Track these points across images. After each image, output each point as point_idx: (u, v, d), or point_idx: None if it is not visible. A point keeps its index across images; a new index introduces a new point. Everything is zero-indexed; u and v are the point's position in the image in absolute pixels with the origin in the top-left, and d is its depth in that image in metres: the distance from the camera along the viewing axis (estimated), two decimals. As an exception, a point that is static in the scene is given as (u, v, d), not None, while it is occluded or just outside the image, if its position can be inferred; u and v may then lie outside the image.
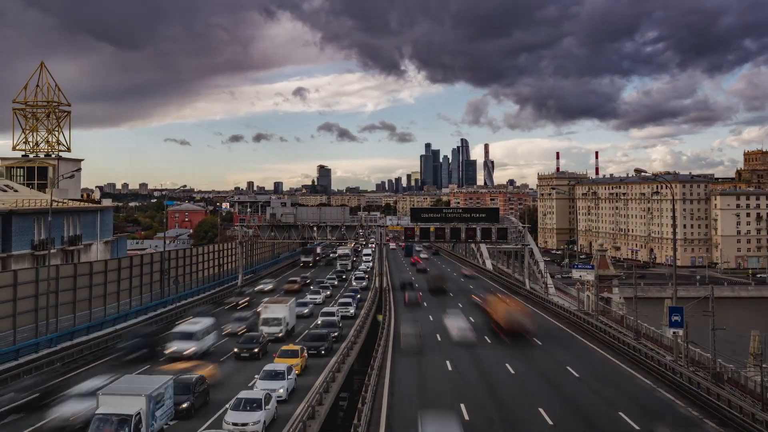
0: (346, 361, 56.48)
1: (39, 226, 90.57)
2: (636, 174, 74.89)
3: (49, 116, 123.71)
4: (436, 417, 37.96)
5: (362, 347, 66.56)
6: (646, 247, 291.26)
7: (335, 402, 48.18)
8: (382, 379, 52.70)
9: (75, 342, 63.08)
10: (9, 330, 56.38)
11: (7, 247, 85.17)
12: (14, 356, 54.76)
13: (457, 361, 60.54)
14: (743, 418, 41.05)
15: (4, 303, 56.12)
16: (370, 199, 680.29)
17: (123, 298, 77.66)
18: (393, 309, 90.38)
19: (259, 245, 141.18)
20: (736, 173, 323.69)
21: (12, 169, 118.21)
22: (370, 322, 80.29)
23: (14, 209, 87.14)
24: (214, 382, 47.73)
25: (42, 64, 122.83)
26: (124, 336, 64.63)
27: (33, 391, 43.34)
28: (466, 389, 50.50)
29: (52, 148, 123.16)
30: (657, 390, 50.40)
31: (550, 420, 42.22)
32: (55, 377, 48.39)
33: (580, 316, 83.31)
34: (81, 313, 67.87)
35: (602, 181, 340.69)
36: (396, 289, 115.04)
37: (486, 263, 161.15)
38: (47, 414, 39.45)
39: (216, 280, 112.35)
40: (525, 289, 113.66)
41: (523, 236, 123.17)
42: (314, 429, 38.69)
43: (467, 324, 75.28)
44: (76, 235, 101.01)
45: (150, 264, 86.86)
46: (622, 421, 42.39)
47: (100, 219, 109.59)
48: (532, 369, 57.76)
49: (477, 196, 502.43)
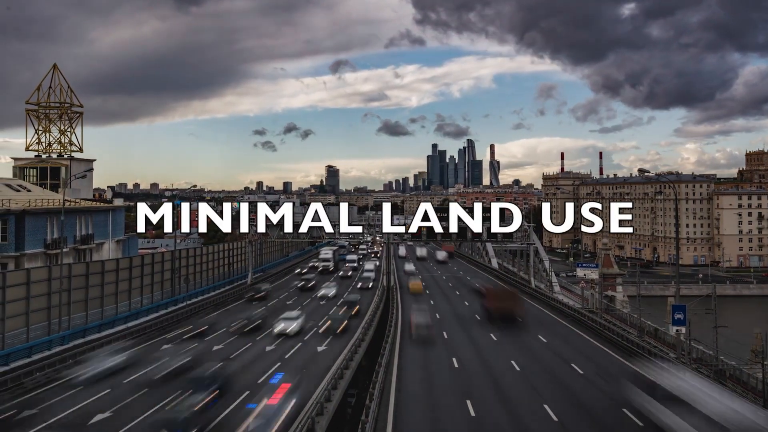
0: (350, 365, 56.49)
1: (51, 226, 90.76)
2: (640, 174, 74.70)
3: (62, 117, 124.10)
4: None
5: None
6: (650, 246, 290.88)
7: (343, 398, 48.19)
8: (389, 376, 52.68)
9: (87, 339, 63.23)
10: (22, 328, 56.58)
11: (20, 246, 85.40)
12: (27, 353, 54.88)
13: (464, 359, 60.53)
14: (745, 414, 40.91)
15: (18, 301, 56.30)
16: (378, 199, 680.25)
17: (134, 296, 77.98)
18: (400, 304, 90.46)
19: (268, 244, 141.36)
20: (738, 173, 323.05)
21: (25, 169, 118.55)
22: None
23: (27, 209, 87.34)
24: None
25: (55, 65, 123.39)
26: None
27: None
28: (473, 388, 50.37)
29: (64, 148, 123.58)
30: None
31: (555, 416, 42.11)
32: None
33: (585, 314, 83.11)
34: (93, 311, 68.11)
35: (606, 181, 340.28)
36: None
37: (492, 262, 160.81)
38: None
39: (226, 278, 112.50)
40: (530, 287, 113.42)
41: (528, 235, 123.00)
42: (322, 425, 38.65)
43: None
44: (88, 235, 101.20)
45: (161, 263, 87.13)
46: (626, 417, 42.25)
47: (111, 218, 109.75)
48: (537, 365, 57.61)
49: (483, 196, 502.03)
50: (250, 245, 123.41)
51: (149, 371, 50.69)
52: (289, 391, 41.57)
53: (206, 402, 40.66)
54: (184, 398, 41.69)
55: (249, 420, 36.62)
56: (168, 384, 47.01)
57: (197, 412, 37.99)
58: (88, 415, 40.63)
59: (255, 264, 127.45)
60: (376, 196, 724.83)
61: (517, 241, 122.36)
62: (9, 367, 50.92)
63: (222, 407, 41.85)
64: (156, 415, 39.51)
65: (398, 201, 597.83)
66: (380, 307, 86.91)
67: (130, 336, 65.71)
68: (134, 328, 69.70)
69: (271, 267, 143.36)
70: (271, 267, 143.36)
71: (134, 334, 66.84)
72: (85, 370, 48.96)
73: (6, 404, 43.19)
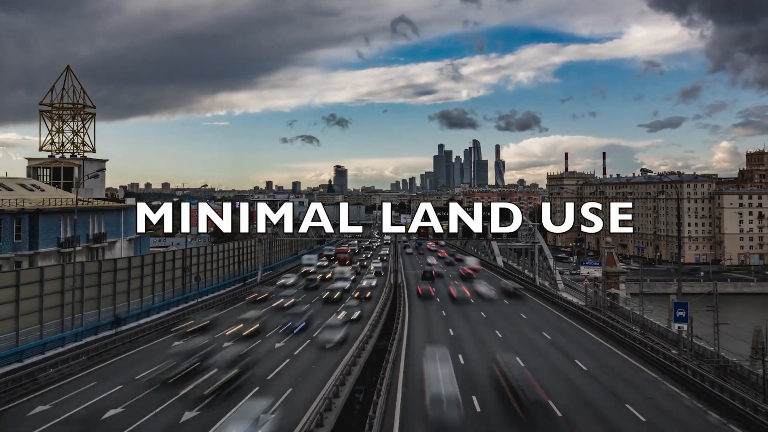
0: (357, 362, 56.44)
1: (65, 225, 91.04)
2: (642, 174, 74.61)
3: (75, 118, 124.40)
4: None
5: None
6: (652, 244, 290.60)
7: (351, 393, 48.15)
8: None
9: (100, 336, 63.33)
10: (36, 325, 56.74)
11: (34, 245, 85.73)
12: (41, 350, 55.01)
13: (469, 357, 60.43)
14: (745, 409, 40.80)
15: (31, 299, 56.43)
16: (385, 198, 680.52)
17: (146, 293, 78.16)
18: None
19: (277, 243, 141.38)
20: (739, 173, 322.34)
21: (39, 169, 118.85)
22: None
23: (41, 208, 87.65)
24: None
25: (68, 67, 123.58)
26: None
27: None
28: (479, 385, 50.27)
29: (77, 149, 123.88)
30: (662, 383, 50.11)
31: (560, 412, 42.01)
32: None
33: (588, 311, 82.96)
34: (105, 309, 68.26)
35: (609, 181, 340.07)
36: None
37: (497, 260, 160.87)
38: None
39: (236, 276, 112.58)
40: (535, 285, 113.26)
41: (533, 234, 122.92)
42: (330, 420, 38.65)
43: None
44: (100, 233, 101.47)
45: (172, 261, 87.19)
46: (629, 412, 42.16)
47: (123, 217, 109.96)
48: (541, 361, 57.48)
49: (488, 196, 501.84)
50: (260, 244, 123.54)
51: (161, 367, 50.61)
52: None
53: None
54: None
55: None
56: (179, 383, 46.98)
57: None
58: (100, 411, 40.68)
59: (264, 262, 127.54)
60: (384, 196, 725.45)
61: (522, 239, 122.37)
62: (23, 363, 51.13)
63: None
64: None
65: (405, 200, 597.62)
66: (385, 310, 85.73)
67: (141, 333, 65.79)
68: (145, 325, 69.76)
69: (279, 265, 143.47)
70: (279, 265, 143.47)
71: (145, 331, 66.90)
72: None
73: (20, 400, 43.34)
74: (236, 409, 38.01)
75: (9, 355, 51.13)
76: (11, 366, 49.85)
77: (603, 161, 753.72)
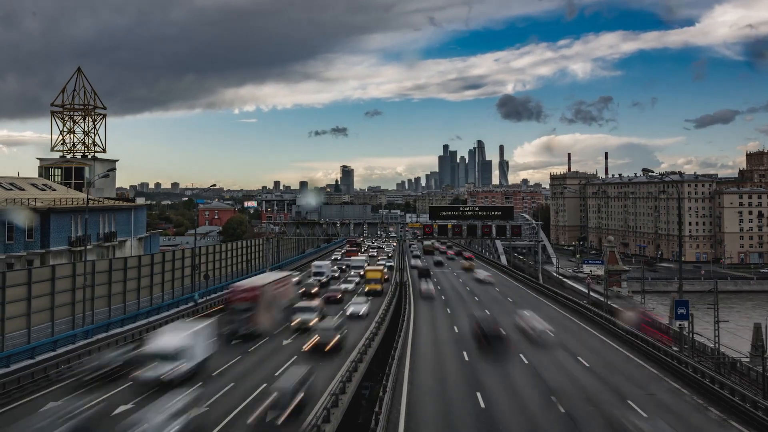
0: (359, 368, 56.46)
1: (76, 224, 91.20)
2: (644, 174, 74.51)
3: (86, 119, 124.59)
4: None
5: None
6: (653, 243, 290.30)
7: (357, 390, 48.17)
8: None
9: (110, 333, 63.41)
10: (47, 322, 56.73)
11: (46, 244, 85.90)
12: (52, 347, 55.08)
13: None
14: (745, 405, 40.73)
15: (43, 296, 56.44)
16: (391, 198, 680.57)
17: (156, 291, 78.13)
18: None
19: (285, 241, 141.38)
20: (739, 173, 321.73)
21: (50, 169, 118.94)
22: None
23: (52, 207, 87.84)
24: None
25: (79, 68, 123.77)
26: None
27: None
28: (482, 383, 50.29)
29: (88, 149, 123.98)
30: (664, 379, 50.05)
31: (562, 408, 41.99)
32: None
33: (591, 309, 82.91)
34: (116, 306, 68.27)
35: (612, 181, 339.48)
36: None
37: (501, 258, 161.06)
38: None
39: (244, 274, 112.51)
40: (538, 283, 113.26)
41: (536, 233, 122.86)
42: (337, 416, 38.66)
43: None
44: (111, 232, 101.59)
45: (181, 259, 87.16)
46: (631, 408, 42.08)
47: (133, 217, 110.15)
48: (544, 357, 57.46)
49: (492, 195, 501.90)
50: (268, 242, 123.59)
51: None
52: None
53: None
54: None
55: None
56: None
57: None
58: (112, 406, 40.71)
59: (272, 260, 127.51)
60: (390, 195, 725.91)
61: (526, 238, 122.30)
62: (35, 359, 51.21)
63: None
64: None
65: (410, 200, 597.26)
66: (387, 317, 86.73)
67: (152, 329, 65.84)
68: (156, 322, 69.84)
69: (287, 264, 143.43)
70: (287, 264, 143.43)
71: (155, 329, 66.91)
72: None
73: (33, 396, 43.43)
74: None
75: (21, 352, 51.18)
76: (23, 362, 49.92)
77: (605, 161, 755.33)
